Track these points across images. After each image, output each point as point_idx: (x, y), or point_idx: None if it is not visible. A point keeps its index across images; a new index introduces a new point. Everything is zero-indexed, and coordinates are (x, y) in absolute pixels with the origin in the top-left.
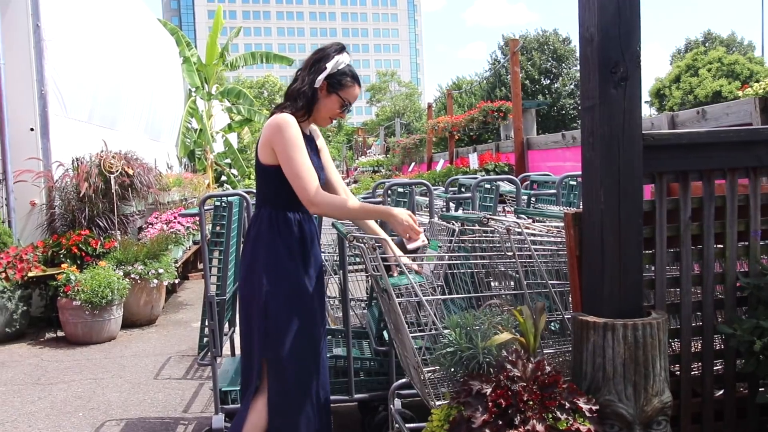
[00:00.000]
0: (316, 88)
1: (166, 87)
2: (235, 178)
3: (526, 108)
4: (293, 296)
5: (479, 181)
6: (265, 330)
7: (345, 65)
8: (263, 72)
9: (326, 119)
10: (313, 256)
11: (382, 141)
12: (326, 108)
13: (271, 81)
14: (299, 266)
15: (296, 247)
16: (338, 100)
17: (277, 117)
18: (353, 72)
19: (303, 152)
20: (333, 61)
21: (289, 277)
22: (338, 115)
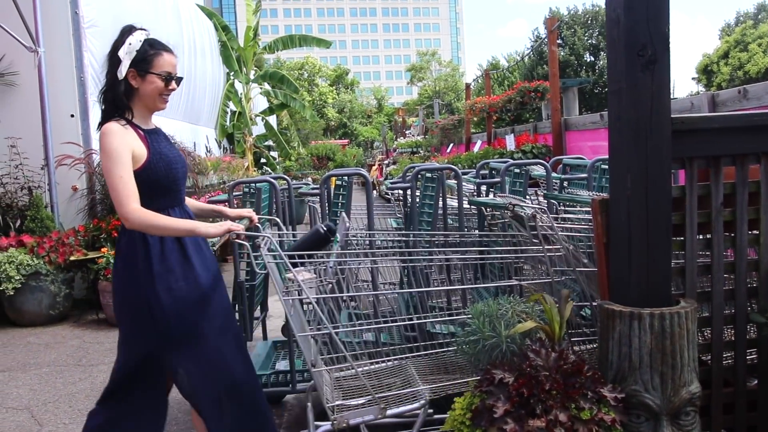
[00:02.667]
0: (126, 80)
1: (205, 71)
2: (275, 161)
3: (568, 86)
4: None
5: (508, 165)
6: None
7: (140, 42)
8: (303, 53)
9: (159, 100)
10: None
11: (421, 122)
12: (150, 91)
13: (311, 62)
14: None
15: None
16: (156, 77)
17: (102, 128)
18: (152, 42)
19: (121, 164)
20: (125, 47)
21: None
22: (168, 90)
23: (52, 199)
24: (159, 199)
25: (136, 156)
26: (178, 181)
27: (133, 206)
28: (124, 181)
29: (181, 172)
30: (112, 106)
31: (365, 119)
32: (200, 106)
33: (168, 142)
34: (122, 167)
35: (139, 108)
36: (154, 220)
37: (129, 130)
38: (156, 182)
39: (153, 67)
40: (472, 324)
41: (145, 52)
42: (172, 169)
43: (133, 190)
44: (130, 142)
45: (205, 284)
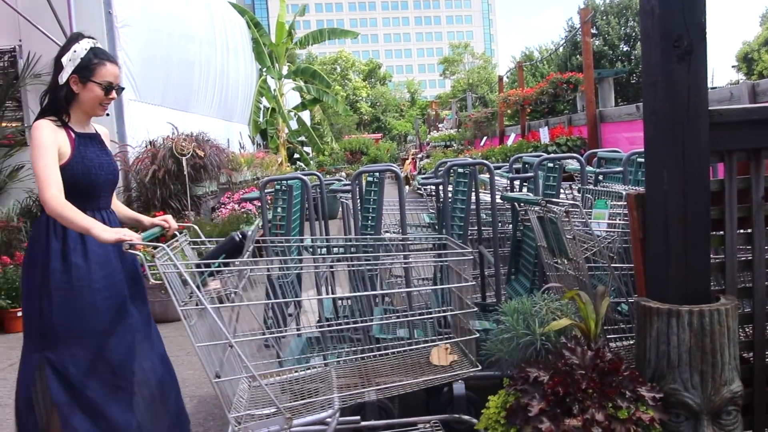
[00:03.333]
0: (67, 85)
1: (238, 67)
2: (308, 156)
3: (603, 77)
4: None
5: (542, 159)
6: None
7: (85, 50)
8: (336, 48)
9: (97, 107)
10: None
11: (454, 115)
12: (89, 98)
13: (344, 57)
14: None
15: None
16: (96, 86)
17: (35, 123)
18: (97, 51)
19: (47, 155)
20: (69, 53)
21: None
22: (108, 99)
23: None
24: (77, 200)
25: (61, 154)
26: (98, 186)
27: (53, 192)
28: (48, 169)
29: (103, 179)
30: (51, 107)
31: (398, 113)
32: (233, 103)
33: (101, 149)
34: (47, 157)
35: (77, 112)
36: (65, 209)
37: (60, 130)
38: (73, 183)
39: (95, 75)
40: (505, 321)
41: (89, 60)
42: (92, 174)
43: (55, 178)
44: (57, 139)
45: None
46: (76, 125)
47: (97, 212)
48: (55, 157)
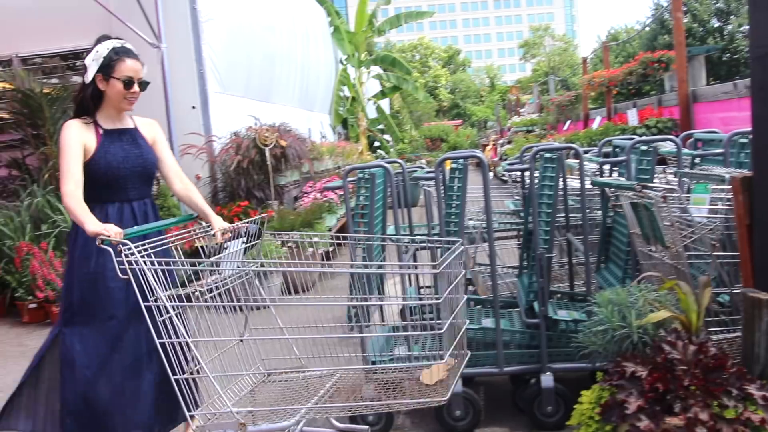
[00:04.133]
0: (93, 84)
1: (318, 57)
2: (388, 144)
3: (694, 55)
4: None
5: (635, 142)
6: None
7: (108, 50)
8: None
9: (122, 102)
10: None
11: (535, 99)
12: (113, 93)
13: (423, 44)
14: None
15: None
16: (117, 81)
17: (64, 124)
18: (119, 50)
19: (69, 153)
20: (92, 54)
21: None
22: (130, 93)
23: None
24: (100, 191)
25: (86, 151)
26: (122, 179)
27: (69, 187)
28: (68, 166)
29: (127, 171)
30: (80, 107)
31: (478, 99)
32: (314, 93)
33: (131, 142)
34: (69, 155)
35: (107, 109)
36: (72, 203)
37: (88, 128)
38: (97, 177)
39: (115, 72)
40: (599, 313)
41: (110, 58)
42: (114, 168)
43: (73, 174)
44: (81, 137)
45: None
46: (105, 122)
47: (126, 203)
48: (78, 154)
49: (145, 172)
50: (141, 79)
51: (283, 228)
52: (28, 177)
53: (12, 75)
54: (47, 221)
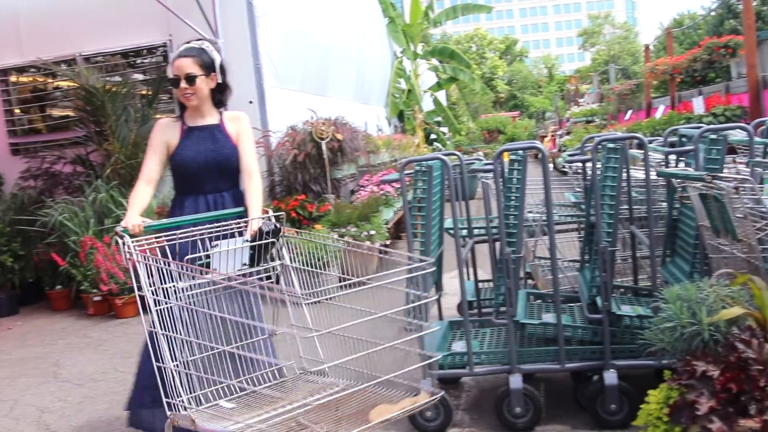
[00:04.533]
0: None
1: (373, 50)
2: (445, 136)
3: (763, 39)
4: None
5: (703, 130)
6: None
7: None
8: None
9: (183, 99)
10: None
11: (595, 89)
12: (176, 94)
13: (480, 34)
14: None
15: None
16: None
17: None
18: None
19: (149, 151)
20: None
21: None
22: (181, 91)
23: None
24: (180, 184)
25: (170, 147)
26: (195, 173)
27: (138, 181)
28: (144, 162)
29: (200, 166)
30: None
31: (536, 89)
32: (370, 86)
33: (210, 137)
34: (147, 153)
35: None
36: (130, 196)
37: (174, 125)
38: (177, 171)
39: (170, 73)
40: (667, 309)
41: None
42: (187, 163)
43: (146, 171)
44: (164, 135)
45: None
46: (189, 119)
47: (201, 196)
48: (155, 152)
49: (220, 167)
50: (187, 74)
51: (340, 222)
52: (93, 173)
53: (76, 73)
54: (110, 216)
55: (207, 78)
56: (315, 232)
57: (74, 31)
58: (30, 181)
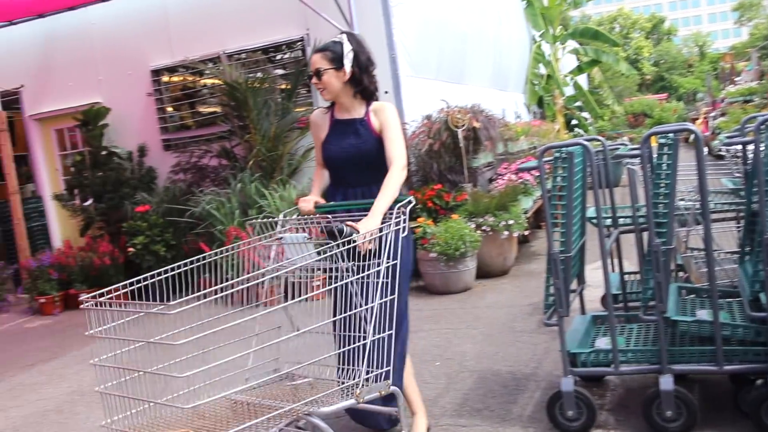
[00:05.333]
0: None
1: (510, 35)
2: (587, 122)
3: None
4: None
5: None
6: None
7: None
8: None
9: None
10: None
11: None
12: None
13: (624, 14)
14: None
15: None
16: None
17: None
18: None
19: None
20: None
21: None
22: (316, 86)
23: None
24: (331, 176)
25: (320, 139)
26: (337, 167)
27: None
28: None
29: (343, 161)
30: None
31: (686, 69)
32: (507, 72)
33: (352, 129)
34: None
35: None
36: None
37: (324, 118)
38: (325, 163)
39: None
40: None
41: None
42: (331, 157)
43: (317, 157)
44: (316, 127)
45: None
46: (337, 112)
47: (341, 187)
48: (316, 143)
49: (362, 161)
50: (316, 69)
51: (477, 211)
52: (237, 165)
53: (221, 70)
54: (254, 206)
55: (337, 72)
56: (451, 222)
57: (218, 30)
58: (180, 174)
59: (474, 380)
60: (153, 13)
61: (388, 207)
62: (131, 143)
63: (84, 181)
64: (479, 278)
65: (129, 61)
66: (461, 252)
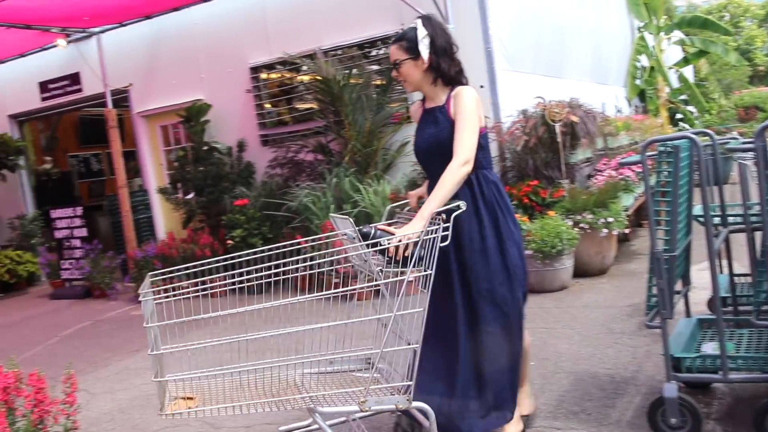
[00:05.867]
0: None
1: (611, 26)
2: (692, 116)
3: None
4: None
5: None
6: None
7: None
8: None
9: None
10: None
11: None
12: None
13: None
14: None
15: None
16: None
17: None
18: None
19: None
20: None
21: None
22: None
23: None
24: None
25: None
26: (421, 158)
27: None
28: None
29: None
30: None
31: None
32: (607, 64)
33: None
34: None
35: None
36: None
37: (418, 109)
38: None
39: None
40: None
41: None
42: (415, 148)
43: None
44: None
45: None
46: (426, 102)
47: (429, 180)
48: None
49: (441, 151)
50: (394, 60)
51: (575, 208)
52: (332, 160)
53: (317, 66)
54: (348, 201)
55: (415, 61)
56: (547, 219)
57: (314, 26)
58: (277, 169)
59: (570, 382)
60: (252, 12)
61: (435, 210)
62: (231, 139)
63: (186, 176)
64: (576, 277)
65: (229, 59)
66: (558, 250)
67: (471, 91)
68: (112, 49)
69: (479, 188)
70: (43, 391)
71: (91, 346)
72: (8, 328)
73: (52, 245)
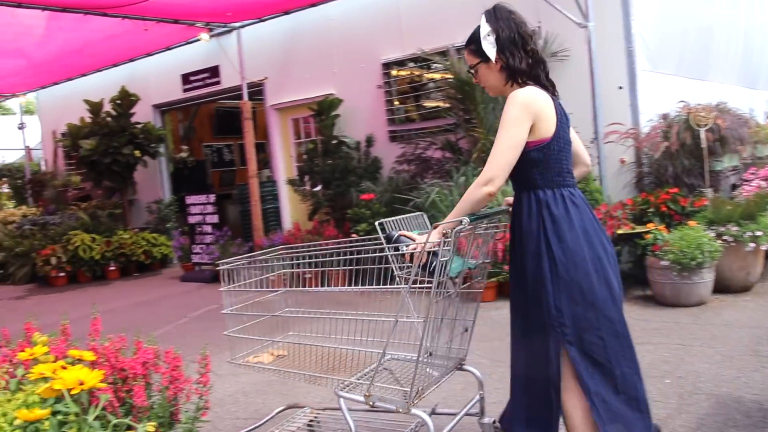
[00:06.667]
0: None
1: (764, 26)
2: None
3: None
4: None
5: None
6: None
7: None
8: None
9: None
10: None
11: None
12: None
13: None
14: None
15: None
16: None
17: None
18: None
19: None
20: None
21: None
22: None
23: (601, 173)
24: None
25: None
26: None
27: None
28: None
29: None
30: None
31: None
32: (758, 66)
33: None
34: None
35: None
36: None
37: None
38: None
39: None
40: None
41: None
42: None
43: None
44: None
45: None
46: None
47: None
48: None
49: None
50: (469, 67)
51: (718, 219)
52: (460, 158)
53: (449, 64)
54: None
55: (487, 64)
56: (687, 229)
57: (447, 23)
58: (404, 165)
59: (710, 404)
60: (386, 8)
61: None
62: (359, 133)
63: (315, 168)
64: (716, 292)
65: (362, 54)
66: (698, 262)
67: (520, 94)
68: (251, 44)
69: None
70: (179, 369)
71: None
72: (144, 305)
73: (185, 230)
